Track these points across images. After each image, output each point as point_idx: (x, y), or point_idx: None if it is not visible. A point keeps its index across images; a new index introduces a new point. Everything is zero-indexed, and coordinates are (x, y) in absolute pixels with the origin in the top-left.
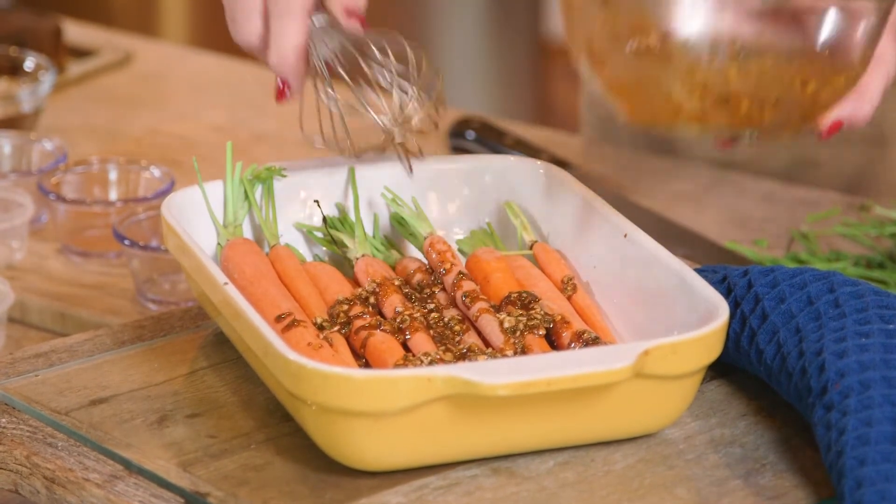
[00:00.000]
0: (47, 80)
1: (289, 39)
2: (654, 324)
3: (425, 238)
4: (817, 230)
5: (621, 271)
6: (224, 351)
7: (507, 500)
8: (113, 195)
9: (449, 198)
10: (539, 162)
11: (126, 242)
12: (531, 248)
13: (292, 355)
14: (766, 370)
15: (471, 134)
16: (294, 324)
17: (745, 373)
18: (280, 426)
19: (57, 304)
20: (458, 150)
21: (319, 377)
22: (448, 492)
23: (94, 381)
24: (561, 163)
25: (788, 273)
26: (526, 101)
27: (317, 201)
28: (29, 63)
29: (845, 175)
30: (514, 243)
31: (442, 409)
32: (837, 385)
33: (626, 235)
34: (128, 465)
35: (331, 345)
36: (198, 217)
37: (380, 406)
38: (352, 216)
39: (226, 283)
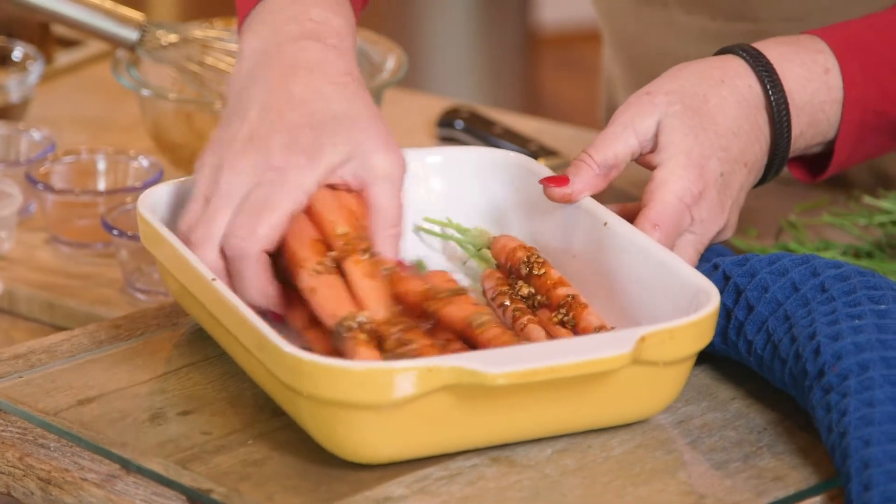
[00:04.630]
0: (35, 70)
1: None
2: (638, 312)
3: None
4: (806, 220)
5: (602, 260)
6: (205, 348)
7: (510, 489)
8: (101, 185)
9: (422, 189)
10: (513, 154)
11: (114, 232)
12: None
13: (290, 349)
14: (757, 360)
15: (459, 123)
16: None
17: (729, 358)
18: (272, 421)
19: (45, 294)
20: (447, 139)
21: (319, 370)
22: (451, 482)
23: (79, 381)
24: (549, 152)
25: (765, 260)
26: (515, 90)
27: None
28: (17, 53)
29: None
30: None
31: (443, 399)
32: (835, 368)
33: (606, 224)
34: (126, 464)
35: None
36: (174, 211)
37: (384, 397)
38: None
39: (213, 280)
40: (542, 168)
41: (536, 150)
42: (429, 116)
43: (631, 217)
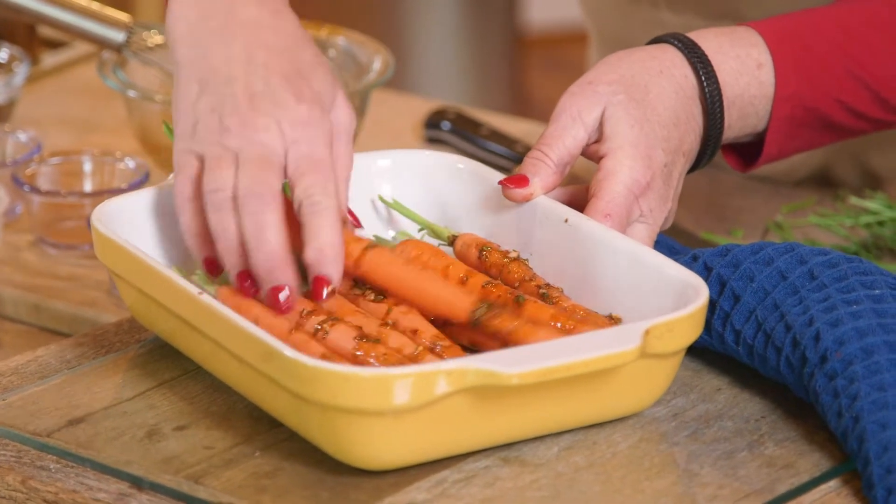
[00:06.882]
0: (21, 71)
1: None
2: (610, 309)
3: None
4: (792, 220)
5: (566, 258)
6: (180, 364)
7: (529, 489)
8: (87, 187)
9: (370, 195)
10: (457, 157)
11: None
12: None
13: (305, 359)
14: (747, 349)
15: (446, 125)
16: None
17: (707, 350)
18: (272, 433)
19: (32, 295)
20: (434, 140)
21: (338, 379)
22: (468, 484)
23: (62, 401)
24: None
25: (747, 250)
26: (502, 91)
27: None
28: (3, 55)
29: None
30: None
31: (458, 401)
32: (839, 353)
33: (566, 221)
34: (138, 483)
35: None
36: (129, 225)
37: (403, 403)
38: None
39: (201, 293)
40: (490, 171)
41: (523, 152)
42: (416, 118)
43: (577, 202)
